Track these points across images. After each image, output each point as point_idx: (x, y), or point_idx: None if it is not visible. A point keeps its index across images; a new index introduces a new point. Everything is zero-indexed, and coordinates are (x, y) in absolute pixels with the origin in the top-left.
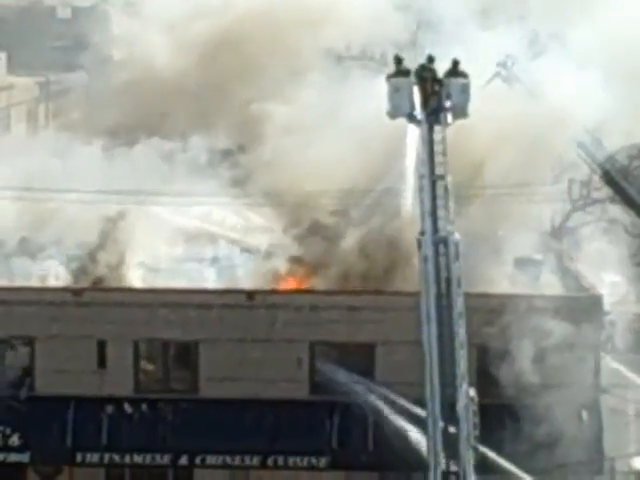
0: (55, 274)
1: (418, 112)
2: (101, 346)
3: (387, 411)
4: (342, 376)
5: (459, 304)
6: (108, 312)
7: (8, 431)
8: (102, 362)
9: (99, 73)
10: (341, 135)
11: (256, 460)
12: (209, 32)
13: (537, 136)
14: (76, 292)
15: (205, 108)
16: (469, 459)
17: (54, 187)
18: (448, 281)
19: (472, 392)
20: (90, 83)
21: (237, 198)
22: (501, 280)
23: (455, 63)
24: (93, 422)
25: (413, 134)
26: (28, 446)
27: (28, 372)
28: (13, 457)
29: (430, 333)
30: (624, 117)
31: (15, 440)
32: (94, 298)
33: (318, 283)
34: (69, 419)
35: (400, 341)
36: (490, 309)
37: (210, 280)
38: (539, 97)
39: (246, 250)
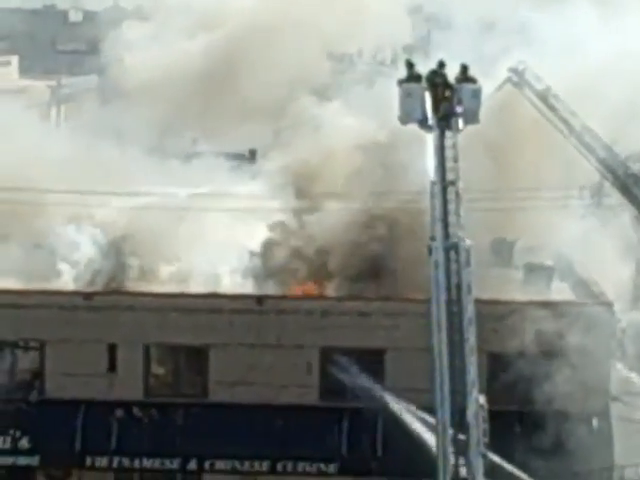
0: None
1: (429, 118)
2: (111, 350)
3: (403, 415)
4: (358, 380)
5: (470, 311)
6: (119, 316)
7: (18, 434)
8: (112, 366)
9: (111, 76)
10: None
11: (265, 465)
12: (220, 37)
13: (549, 141)
14: (87, 296)
15: (218, 111)
16: (479, 466)
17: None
18: (459, 287)
19: (482, 399)
20: (102, 86)
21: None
22: (511, 287)
23: (464, 68)
24: (103, 426)
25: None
26: (37, 449)
27: (38, 375)
28: (22, 460)
29: (440, 339)
30: (636, 122)
31: (25, 443)
32: (105, 302)
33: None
34: (79, 423)
35: (410, 347)
36: (500, 316)
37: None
38: (550, 102)
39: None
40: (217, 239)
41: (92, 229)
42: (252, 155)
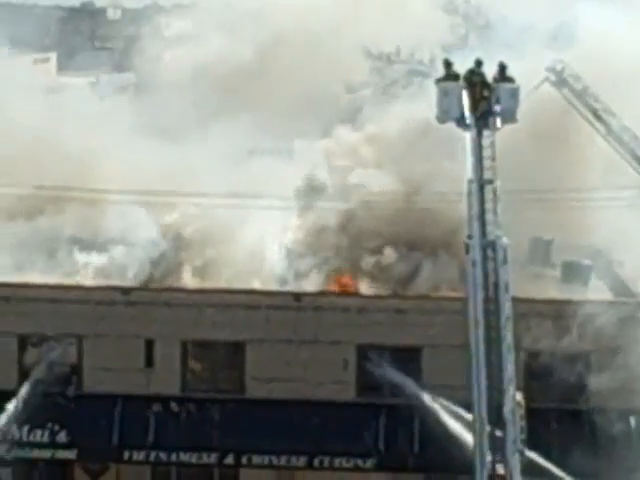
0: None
1: (467, 116)
2: (149, 345)
3: (440, 412)
4: (394, 376)
5: (507, 308)
6: (156, 312)
7: (56, 428)
8: (149, 361)
9: (149, 73)
10: None
11: (302, 461)
12: (260, 35)
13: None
14: (125, 291)
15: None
16: (515, 463)
17: None
18: (496, 285)
19: (519, 396)
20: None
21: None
22: (549, 285)
23: (502, 68)
24: (140, 420)
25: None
26: (75, 443)
27: (76, 370)
28: (60, 454)
29: (477, 337)
30: None
31: (62, 437)
32: (142, 297)
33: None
34: (116, 417)
35: (446, 344)
36: (538, 313)
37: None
38: (588, 102)
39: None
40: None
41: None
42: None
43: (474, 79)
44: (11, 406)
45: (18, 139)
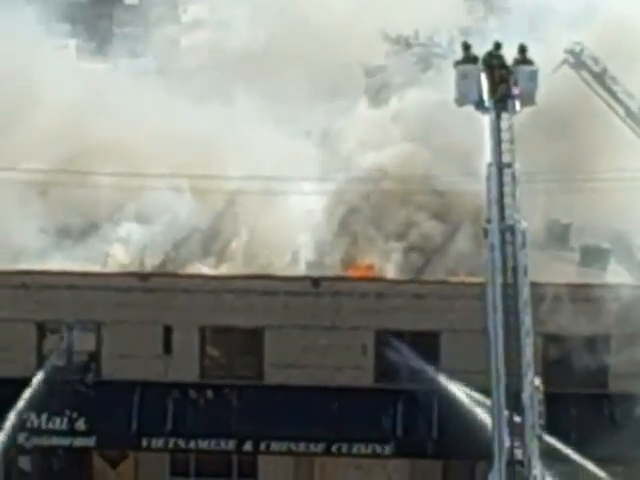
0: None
1: (486, 99)
2: (167, 332)
3: (459, 397)
4: (413, 362)
5: (525, 293)
6: (174, 298)
7: (74, 415)
8: (168, 348)
9: (168, 59)
10: None
11: (320, 447)
12: (278, 16)
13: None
14: (142, 277)
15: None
16: (534, 448)
17: None
18: (515, 270)
19: (537, 381)
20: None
21: None
22: (567, 269)
23: (522, 50)
24: (158, 407)
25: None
26: (94, 431)
27: (94, 357)
28: (79, 441)
29: (496, 322)
30: None
31: (81, 425)
32: (160, 284)
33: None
34: (135, 404)
35: (465, 329)
36: (556, 297)
37: None
38: (607, 84)
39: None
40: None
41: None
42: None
43: (493, 62)
44: (29, 393)
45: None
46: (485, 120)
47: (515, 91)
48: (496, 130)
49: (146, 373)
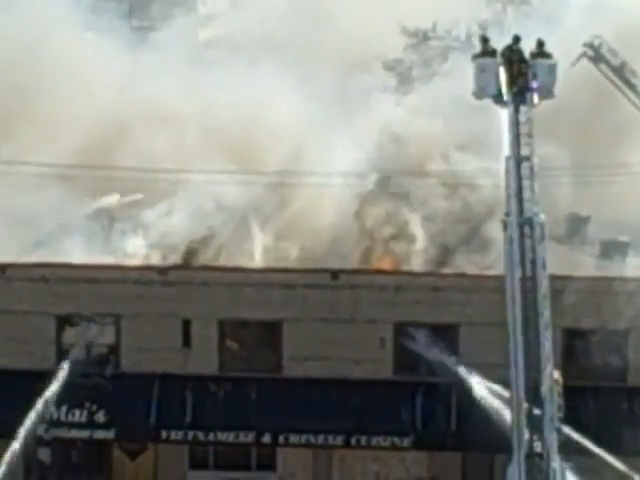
0: None
1: (504, 93)
2: (186, 325)
3: (478, 390)
4: (432, 354)
5: (544, 286)
6: (193, 291)
7: (94, 408)
8: (187, 341)
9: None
10: None
11: (339, 439)
12: (295, 10)
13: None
14: (161, 271)
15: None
16: (553, 441)
17: None
18: (533, 263)
19: (556, 374)
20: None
21: None
22: (587, 262)
23: (540, 44)
24: (178, 400)
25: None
26: (113, 423)
27: (114, 350)
28: (99, 434)
29: (515, 315)
30: None
31: (101, 417)
32: (179, 277)
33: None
34: (154, 397)
35: (484, 322)
36: (575, 291)
37: None
38: (626, 77)
39: None
40: None
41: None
42: None
43: (511, 55)
44: (49, 386)
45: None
46: (503, 113)
47: (534, 84)
48: (515, 123)
49: (165, 366)
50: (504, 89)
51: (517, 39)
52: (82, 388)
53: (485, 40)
